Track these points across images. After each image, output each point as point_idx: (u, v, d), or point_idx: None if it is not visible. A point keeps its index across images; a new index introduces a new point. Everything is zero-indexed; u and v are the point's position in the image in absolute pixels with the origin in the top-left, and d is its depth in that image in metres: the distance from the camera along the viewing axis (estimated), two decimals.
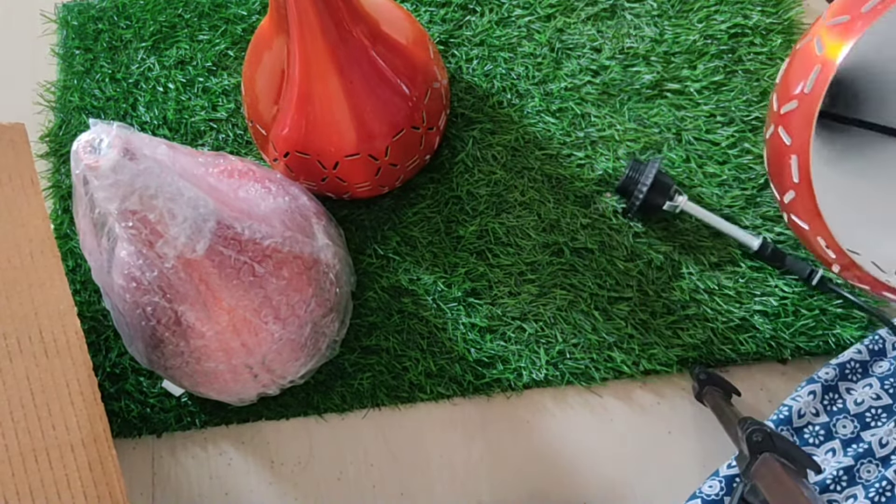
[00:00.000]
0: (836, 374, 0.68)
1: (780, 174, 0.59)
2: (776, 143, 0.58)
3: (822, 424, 0.67)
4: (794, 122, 0.56)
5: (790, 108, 0.56)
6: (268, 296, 0.65)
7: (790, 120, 0.56)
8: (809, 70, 0.54)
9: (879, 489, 0.62)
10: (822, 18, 0.56)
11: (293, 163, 0.75)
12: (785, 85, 0.58)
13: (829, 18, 0.55)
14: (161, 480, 0.79)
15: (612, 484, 0.74)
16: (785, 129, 0.57)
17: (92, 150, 0.51)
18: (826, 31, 0.55)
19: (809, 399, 0.68)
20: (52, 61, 1.00)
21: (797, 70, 0.56)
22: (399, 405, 0.79)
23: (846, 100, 0.68)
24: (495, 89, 0.88)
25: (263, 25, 0.73)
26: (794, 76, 0.57)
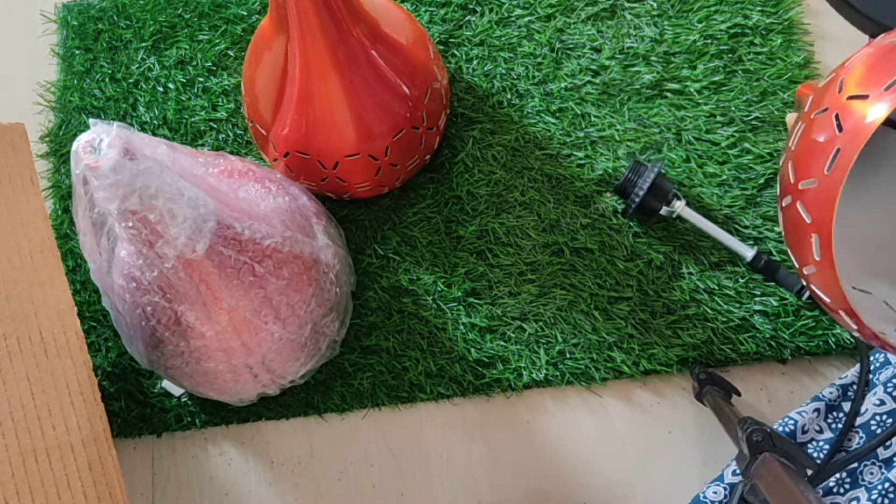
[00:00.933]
0: (839, 395, 0.68)
1: (800, 247, 0.55)
2: (794, 217, 0.54)
3: (827, 440, 0.67)
4: (815, 201, 0.52)
5: (809, 186, 0.53)
6: (268, 296, 0.65)
7: (810, 197, 0.52)
8: (829, 149, 0.51)
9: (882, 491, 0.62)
10: (836, 91, 0.53)
11: (293, 163, 0.75)
12: (802, 157, 0.54)
13: (846, 92, 0.51)
14: (161, 480, 0.79)
15: (612, 484, 0.74)
16: (804, 205, 0.53)
17: (92, 150, 0.51)
18: (844, 107, 0.51)
19: (814, 416, 0.68)
20: (52, 61, 1.00)
21: (815, 147, 0.53)
22: (399, 405, 0.79)
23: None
24: (495, 89, 0.88)
25: (263, 25, 0.73)
26: (812, 152, 0.53)
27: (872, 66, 0.48)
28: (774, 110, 0.84)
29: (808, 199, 0.50)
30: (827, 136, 0.49)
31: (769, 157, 0.82)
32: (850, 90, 0.50)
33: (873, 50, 0.50)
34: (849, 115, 0.48)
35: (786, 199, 0.55)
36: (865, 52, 0.50)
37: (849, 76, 0.50)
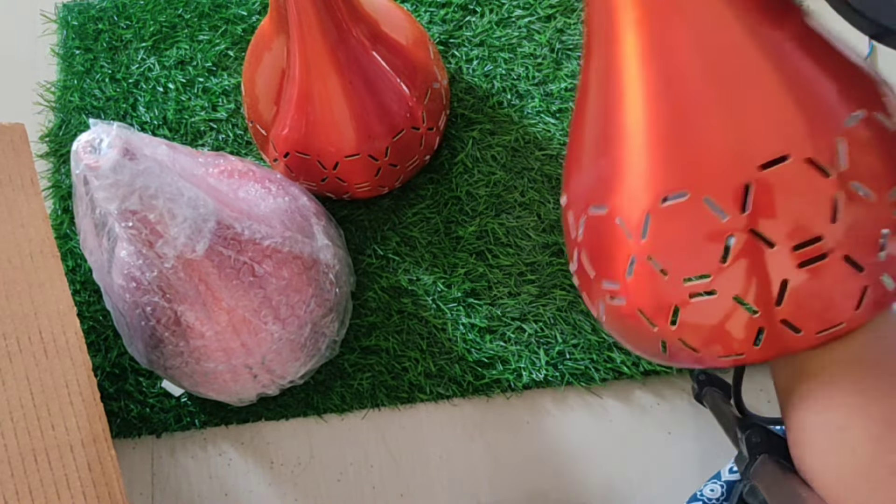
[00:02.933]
0: None
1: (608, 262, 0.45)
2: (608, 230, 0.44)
3: None
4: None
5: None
6: (267, 296, 0.65)
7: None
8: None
9: None
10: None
11: (293, 163, 0.75)
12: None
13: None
14: (160, 480, 0.79)
15: (612, 484, 0.74)
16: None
17: (92, 150, 0.51)
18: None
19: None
20: (52, 61, 1.00)
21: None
22: (399, 405, 0.79)
23: None
24: (495, 90, 0.88)
25: (263, 25, 0.73)
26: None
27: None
28: None
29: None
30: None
31: None
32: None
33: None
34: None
35: (573, 258, 0.47)
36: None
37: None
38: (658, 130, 0.39)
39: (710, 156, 0.37)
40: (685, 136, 0.38)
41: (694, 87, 0.38)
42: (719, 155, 0.37)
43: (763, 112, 0.37)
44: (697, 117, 0.37)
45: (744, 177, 0.37)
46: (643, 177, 0.39)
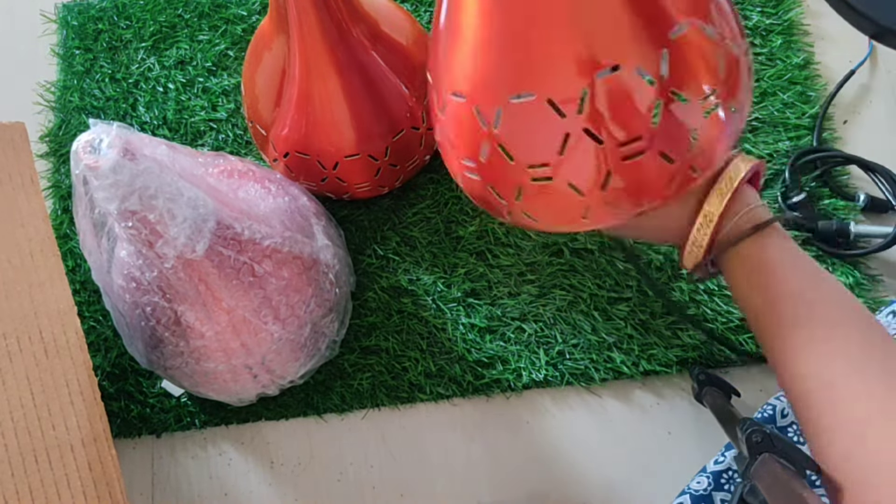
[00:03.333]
0: None
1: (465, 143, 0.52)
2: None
3: None
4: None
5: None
6: (267, 296, 0.65)
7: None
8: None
9: None
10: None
11: (293, 163, 0.75)
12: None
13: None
14: (161, 480, 0.79)
15: (612, 484, 0.74)
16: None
17: (92, 150, 0.51)
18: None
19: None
20: (52, 61, 1.00)
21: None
22: (399, 405, 0.79)
23: None
24: None
25: (263, 25, 0.73)
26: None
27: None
28: (774, 111, 0.84)
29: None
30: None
31: (769, 158, 0.82)
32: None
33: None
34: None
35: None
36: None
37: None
38: (512, 37, 0.44)
39: (554, 63, 0.43)
40: (535, 44, 0.43)
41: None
42: (562, 63, 0.43)
43: (601, 26, 0.42)
44: (547, 28, 0.43)
45: (582, 83, 0.43)
46: (497, 75, 0.45)
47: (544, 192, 0.48)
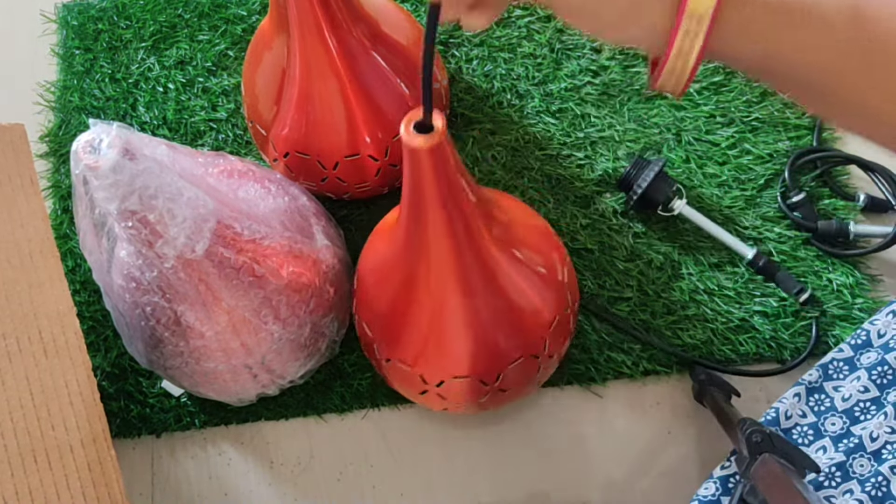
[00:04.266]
0: (820, 375, 0.68)
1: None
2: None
3: (811, 424, 0.67)
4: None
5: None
6: (267, 296, 0.65)
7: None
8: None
9: (875, 484, 0.62)
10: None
11: (293, 163, 0.75)
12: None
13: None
14: (160, 481, 0.79)
15: (612, 484, 0.74)
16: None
17: (92, 150, 0.51)
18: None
19: (795, 401, 0.68)
20: (52, 61, 1.00)
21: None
22: (399, 405, 0.79)
23: None
24: (495, 89, 0.88)
25: (263, 25, 0.73)
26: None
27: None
28: (774, 111, 0.84)
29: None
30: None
31: (769, 158, 0.82)
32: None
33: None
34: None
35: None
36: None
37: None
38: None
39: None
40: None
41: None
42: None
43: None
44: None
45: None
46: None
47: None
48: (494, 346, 0.62)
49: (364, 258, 0.68)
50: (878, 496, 0.61)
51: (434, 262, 0.55)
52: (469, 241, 0.54)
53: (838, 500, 0.63)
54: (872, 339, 0.67)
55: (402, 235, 0.56)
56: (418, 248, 0.55)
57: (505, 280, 0.59)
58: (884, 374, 0.65)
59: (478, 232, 0.54)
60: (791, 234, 0.79)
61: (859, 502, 0.62)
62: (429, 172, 0.47)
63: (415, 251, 0.55)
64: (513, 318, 0.61)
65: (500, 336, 0.61)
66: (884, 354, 0.65)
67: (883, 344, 0.66)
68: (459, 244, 0.53)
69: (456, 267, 0.55)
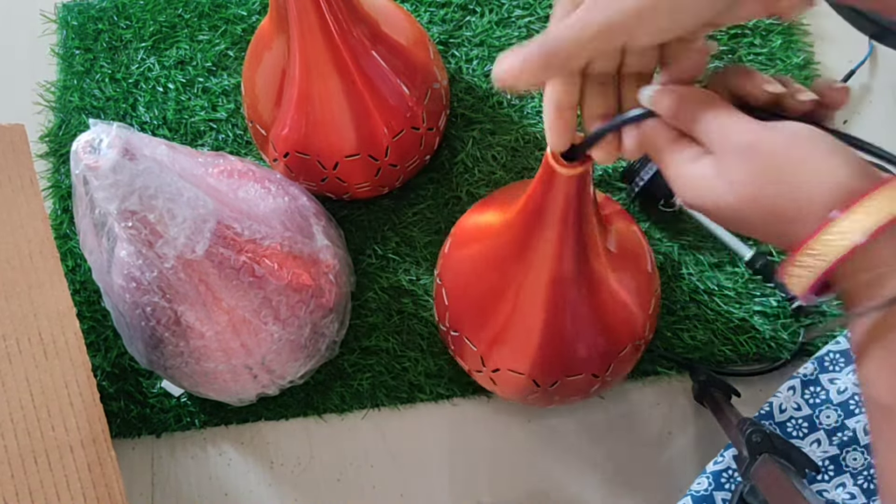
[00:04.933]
0: (816, 368, 0.68)
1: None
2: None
3: (805, 417, 0.67)
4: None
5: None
6: (267, 296, 0.65)
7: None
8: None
9: (868, 477, 0.62)
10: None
11: (293, 163, 0.75)
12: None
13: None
14: (160, 481, 0.79)
15: (612, 484, 0.74)
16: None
17: (92, 150, 0.51)
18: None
19: (789, 394, 0.68)
20: (52, 61, 1.00)
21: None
22: (399, 405, 0.79)
23: None
24: (495, 90, 0.88)
25: (263, 25, 0.73)
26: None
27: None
28: None
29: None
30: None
31: None
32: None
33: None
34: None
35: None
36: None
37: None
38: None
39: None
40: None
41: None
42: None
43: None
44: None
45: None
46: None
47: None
48: (562, 357, 0.62)
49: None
50: (870, 489, 0.62)
51: (536, 268, 0.55)
52: (578, 258, 0.53)
53: (831, 493, 0.63)
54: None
55: (510, 231, 0.56)
56: (525, 250, 0.54)
57: (598, 301, 0.59)
58: None
59: (592, 251, 0.54)
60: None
61: (851, 496, 0.62)
62: (566, 194, 0.46)
63: (521, 250, 0.55)
64: (590, 338, 0.61)
65: (571, 351, 0.62)
66: None
67: None
68: (567, 259, 0.53)
69: (555, 277, 0.54)
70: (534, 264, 0.54)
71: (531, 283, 0.56)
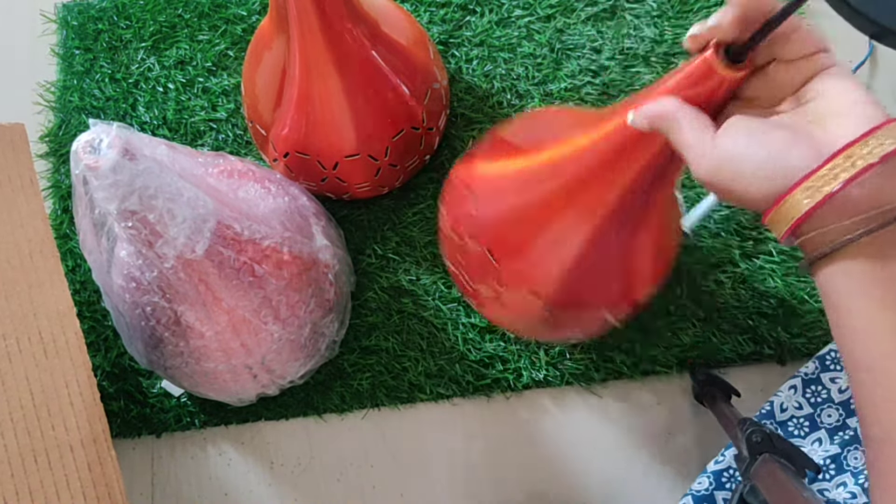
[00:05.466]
0: (817, 367, 0.68)
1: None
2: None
3: (807, 416, 0.67)
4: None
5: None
6: (267, 296, 0.65)
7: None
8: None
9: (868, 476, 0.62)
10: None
11: (293, 163, 0.75)
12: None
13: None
14: (161, 481, 0.79)
15: (611, 484, 0.74)
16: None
17: (92, 150, 0.51)
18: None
19: (790, 393, 0.68)
20: (52, 61, 1.00)
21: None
22: (399, 405, 0.79)
23: None
24: (495, 90, 0.88)
25: (263, 25, 0.73)
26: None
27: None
28: None
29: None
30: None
31: None
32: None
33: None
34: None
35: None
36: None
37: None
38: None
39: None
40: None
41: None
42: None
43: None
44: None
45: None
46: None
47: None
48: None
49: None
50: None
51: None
52: (650, 190, 0.51)
53: (832, 492, 0.63)
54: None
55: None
56: (605, 170, 0.51)
57: (637, 244, 0.57)
58: None
59: (665, 189, 0.53)
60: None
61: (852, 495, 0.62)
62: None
63: (595, 172, 0.51)
64: (618, 278, 0.61)
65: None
66: None
67: None
68: (640, 190, 0.50)
69: (621, 205, 0.52)
70: (601, 188, 0.51)
71: (588, 207, 0.52)
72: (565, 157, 0.54)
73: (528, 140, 0.61)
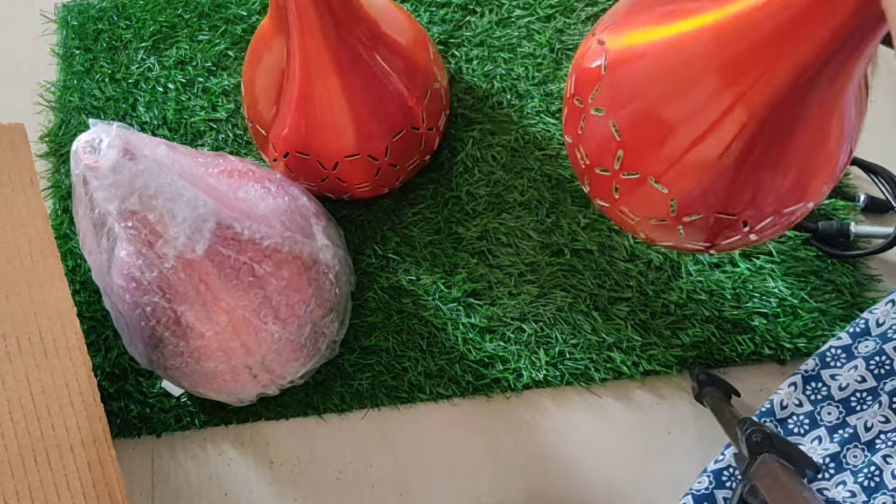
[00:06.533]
0: (817, 364, 0.68)
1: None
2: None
3: (807, 413, 0.67)
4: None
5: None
6: (267, 296, 0.65)
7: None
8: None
9: (868, 474, 0.62)
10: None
11: (293, 163, 0.75)
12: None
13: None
14: (160, 481, 0.79)
15: (611, 484, 0.74)
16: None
17: (92, 150, 0.51)
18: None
19: (790, 390, 0.68)
20: (52, 61, 1.00)
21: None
22: (399, 405, 0.79)
23: None
24: (495, 90, 0.88)
25: (263, 25, 0.73)
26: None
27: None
28: None
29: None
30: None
31: None
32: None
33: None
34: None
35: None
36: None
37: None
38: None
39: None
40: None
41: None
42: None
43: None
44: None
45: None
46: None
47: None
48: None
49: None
50: (870, 486, 0.62)
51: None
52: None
53: (831, 491, 0.63)
54: (871, 327, 0.67)
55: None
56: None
57: (792, 150, 0.52)
58: (881, 364, 0.65)
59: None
60: (791, 234, 0.79)
61: (852, 493, 0.62)
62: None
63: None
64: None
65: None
66: (882, 344, 0.65)
67: (881, 333, 0.66)
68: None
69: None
70: (771, 61, 0.45)
71: (754, 86, 0.47)
72: (731, 22, 0.46)
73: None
